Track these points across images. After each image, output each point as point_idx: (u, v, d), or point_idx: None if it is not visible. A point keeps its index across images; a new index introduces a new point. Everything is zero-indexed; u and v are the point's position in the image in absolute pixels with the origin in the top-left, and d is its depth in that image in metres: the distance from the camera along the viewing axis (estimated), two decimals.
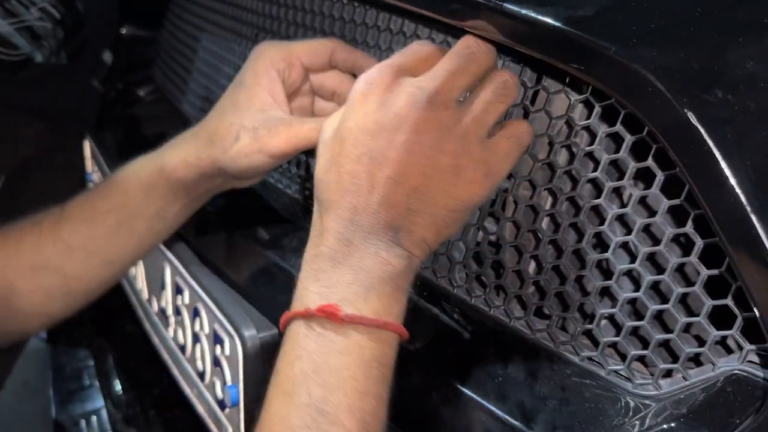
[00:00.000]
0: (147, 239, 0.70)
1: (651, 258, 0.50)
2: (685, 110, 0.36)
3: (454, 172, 0.46)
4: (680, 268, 0.49)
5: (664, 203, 0.46)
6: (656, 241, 0.49)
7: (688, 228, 0.45)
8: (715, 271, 0.44)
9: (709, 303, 0.45)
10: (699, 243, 0.44)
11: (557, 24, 0.41)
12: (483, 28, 0.46)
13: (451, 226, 0.48)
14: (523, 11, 0.42)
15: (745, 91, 0.36)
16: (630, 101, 0.40)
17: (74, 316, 1.32)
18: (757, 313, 0.39)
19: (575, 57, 0.41)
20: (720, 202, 0.36)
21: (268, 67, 0.61)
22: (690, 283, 0.47)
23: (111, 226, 0.68)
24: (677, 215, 0.48)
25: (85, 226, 0.68)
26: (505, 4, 0.43)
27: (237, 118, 0.60)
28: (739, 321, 0.43)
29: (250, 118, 0.59)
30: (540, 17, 0.42)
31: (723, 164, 0.35)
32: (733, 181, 0.35)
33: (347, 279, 0.46)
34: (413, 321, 0.55)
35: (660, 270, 0.50)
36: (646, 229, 0.50)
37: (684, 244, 0.50)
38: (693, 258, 0.45)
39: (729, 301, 0.44)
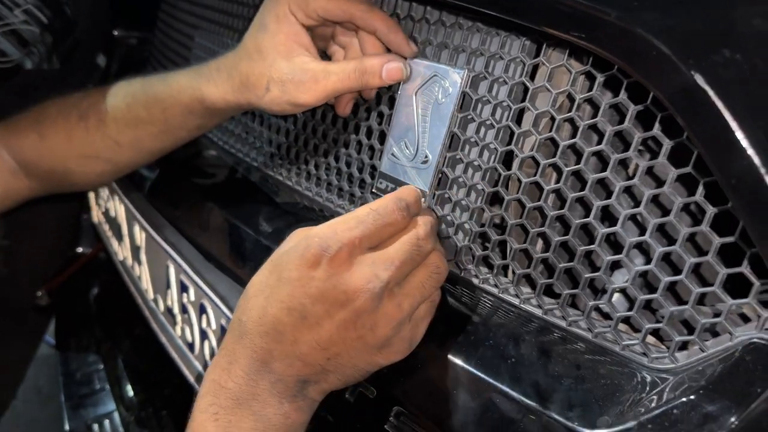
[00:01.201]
0: (190, 138, 0.77)
1: (661, 229, 0.49)
2: (692, 72, 0.35)
3: (379, 348, 0.48)
4: (691, 238, 0.48)
5: (672, 172, 0.45)
6: (665, 212, 0.48)
7: (698, 196, 0.44)
8: (728, 239, 0.43)
9: (723, 272, 0.44)
10: (710, 211, 0.43)
11: None
12: (479, 2, 0.45)
13: (360, 379, 0.50)
14: None
15: (753, 49, 0.35)
16: (634, 68, 0.38)
17: (82, 320, 1.31)
18: None
19: (575, 25, 0.40)
20: (732, 167, 0.35)
21: (287, 12, 0.61)
22: (702, 252, 0.46)
23: (155, 133, 0.74)
24: (685, 184, 0.47)
25: (130, 130, 0.75)
26: None
27: (265, 69, 0.61)
28: (755, 288, 0.42)
29: (278, 70, 0.61)
30: None
31: (734, 126, 0.34)
32: (745, 143, 0.34)
33: (246, 425, 0.46)
34: None
35: (670, 241, 0.49)
36: (655, 199, 0.48)
37: (694, 213, 0.49)
38: (704, 227, 0.44)
39: (744, 269, 0.43)
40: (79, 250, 1.50)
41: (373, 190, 0.66)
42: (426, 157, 0.60)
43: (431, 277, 0.50)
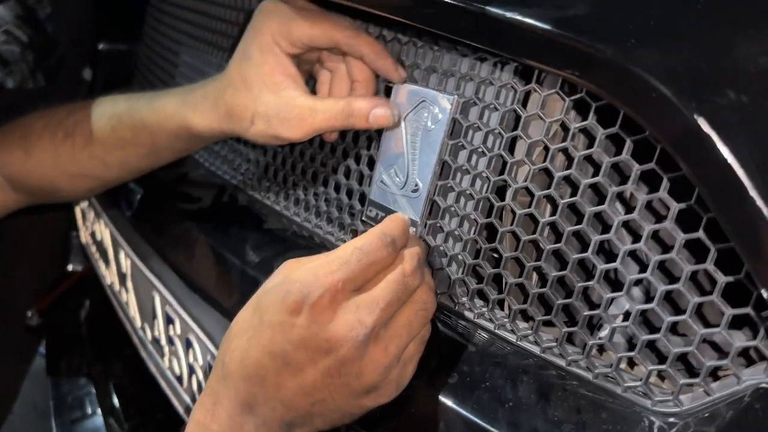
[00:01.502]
0: (177, 158, 0.76)
1: (661, 265, 0.47)
2: (695, 116, 0.32)
3: (366, 392, 0.46)
4: (691, 274, 0.46)
5: (673, 207, 0.43)
6: (663, 246, 0.46)
7: (701, 233, 0.42)
8: (732, 278, 0.41)
9: (729, 312, 0.41)
10: (713, 250, 0.41)
11: (546, 27, 0.37)
12: (465, 35, 0.42)
13: (347, 421, 0.48)
14: (508, 14, 0.39)
15: (759, 89, 0.33)
16: (633, 109, 0.36)
17: (72, 341, 1.29)
18: None
19: (569, 62, 0.37)
20: (738, 215, 0.33)
21: (271, 43, 0.59)
22: (704, 290, 0.44)
23: (142, 154, 0.74)
24: (684, 216, 0.44)
25: (117, 151, 0.74)
26: (488, 8, 0.40)
27: (250, 102, 0.60)
28: (762, 331, 0.40)
29: (263, 104, 0.59)
30: (527, 20, 0.38)
31: (741, 174, 0.32)
32: (753, 192, 0.31)
33: None
34: None
35: (671, 277, 0.47)
36: (654, 234, 0.46)
37: (694, 248, 0.47)
38: (709, 265, 0.42)
39: (750, 310, 0.40)
40: (70, 267, 1.48)
41: (363, 218, 0.63)
42: (416, 185, 0.58)
43: (418, 314, 0.48)
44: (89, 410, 1.22)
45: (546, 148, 0.50)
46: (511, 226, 0.52)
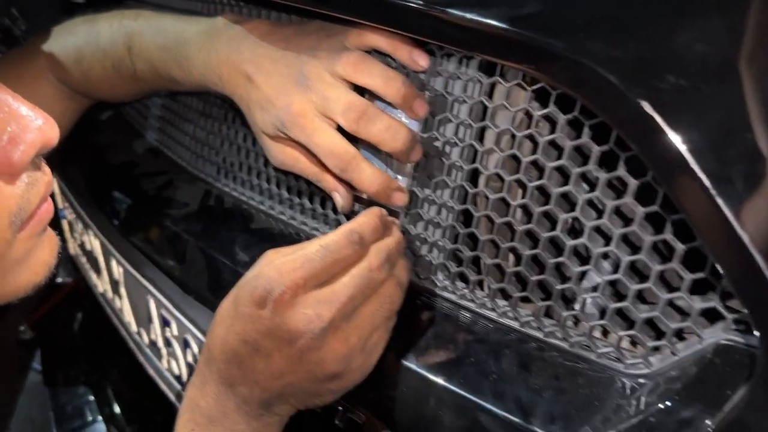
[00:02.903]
0: None
1: (625, 238, 0.50)
2: (639, 100, 0.36)
3: (329, 379, 0.50)
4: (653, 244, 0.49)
5: (632, 183, 0.46)
6: (627, 221, 0.50)
7: (657, 207, 0.45)
8: (687, 246, 0.44)
9: (688, 277, 0.45)
10: (670, 220, 0.45)
11: (503, 25, 0.40)
12: (428, 35, 0.45)
13: (322, 402, 0.53)
14: (468, 15, 0.42)
15: (696, 72, 0.36)
16: (585, 97, 0.39)
17: (68, 352, 1.29)
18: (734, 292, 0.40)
19: (526, 57, 0.41)
20: (687, 189, 0.37)
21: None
22: (666, 258, 0.48)
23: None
24: (644, 191, 0.48)
25: (162, 88, 0.83)
26: (449, 10, 0.42)
27: (264, 115, 0.63)
28: (718, 290, 0.44)
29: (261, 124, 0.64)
30: (485, 20, 0.41)
31: (683, 150, 0.35)
32: (697, 169, 0.35)
33: None
34: (403, 328, 0.55)
35: (635, 249, 0.50)
36: (617, 210, 0.50)
37: (654, 220, 0.50)
38: (667, 235, 0.45)
39: (707, 274, 0.44)
40: (59, 280, 1.48)
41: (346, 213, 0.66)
42: (395, 177, 0.61)
43: (383, 307, 0.51)
44: (90, 418, 1.24)
45: (513, 136, 0.53)
46: (486, 210, 0.55)
